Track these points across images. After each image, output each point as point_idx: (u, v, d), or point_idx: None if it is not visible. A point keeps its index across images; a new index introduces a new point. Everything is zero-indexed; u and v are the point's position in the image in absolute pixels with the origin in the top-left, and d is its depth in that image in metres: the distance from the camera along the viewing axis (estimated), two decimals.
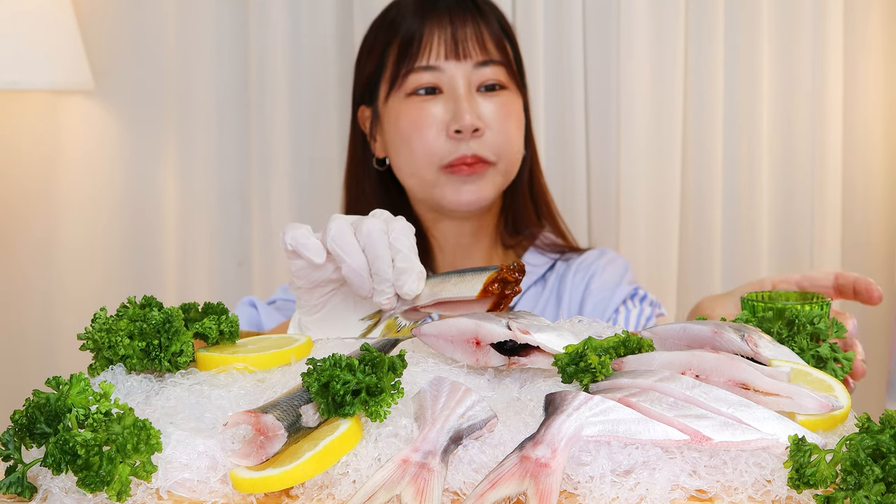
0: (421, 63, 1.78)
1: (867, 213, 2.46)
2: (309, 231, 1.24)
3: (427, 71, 1.78)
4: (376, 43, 1.84)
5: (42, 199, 2.55)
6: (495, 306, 1.20)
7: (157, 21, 2.48)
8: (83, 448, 0.91)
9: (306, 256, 1.23)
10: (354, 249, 1.21)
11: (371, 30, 1.87)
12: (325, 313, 1.30)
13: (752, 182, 2.40)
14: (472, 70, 1.78)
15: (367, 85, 1.85)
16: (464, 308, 1.21)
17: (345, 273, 1.22)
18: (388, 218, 1.23)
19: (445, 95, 1.78)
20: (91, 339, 1.12)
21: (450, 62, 1.78)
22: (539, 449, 0.91)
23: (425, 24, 1.79)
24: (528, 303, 1.90)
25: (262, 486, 0.92)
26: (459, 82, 1.78)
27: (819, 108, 2.40)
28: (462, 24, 1.79)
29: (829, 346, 1.16)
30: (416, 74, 1.78)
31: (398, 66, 1.79)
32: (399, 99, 1.79)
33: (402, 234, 1.21)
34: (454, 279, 1.21)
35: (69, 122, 2.52)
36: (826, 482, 0.90)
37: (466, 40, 1.79)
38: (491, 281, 1.19)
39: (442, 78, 1.78)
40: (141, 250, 2.53)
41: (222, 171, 2.50)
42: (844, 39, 2.40)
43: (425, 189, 1.80)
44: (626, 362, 1.08)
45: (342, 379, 0.96)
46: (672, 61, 2.36)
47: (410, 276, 1.20)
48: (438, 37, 1.78)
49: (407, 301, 1.23)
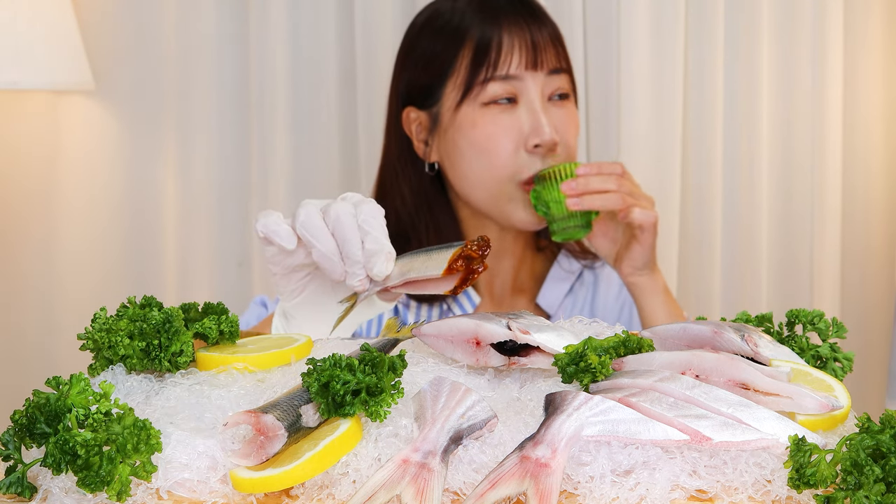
0: (501, 72, 1.73)
1: (867, 214, 2.45)
2: (280, 218, 1.24)
3: (506, 81, 1.74)
4: (438, 47, 1.78)
5: (42, 199, 2.55)
6: (462, 282, 1.18)
7: (157, 21, 2.48)
8: (83, 448, 0.91)
9: (277, 243, 1.23)
10: (323, 233, 1.20)
11: (425, 31, 1.81)
12: (304, 298, 1.29)
13: (752, 182, 2.40)
14: (544, 79, 1.75)
15: (425, 89, 1.80)
16: (432, 286, 1.20)
17: (315, 258, 1.22)
18: (358, 201, 1.22)
19: (522, 107, 1.75)
20: (91, 339, 1.12)
21: (528, 71, 1.74)
22: (539, 449, 0.91)
23: (503, 29, 1.74)
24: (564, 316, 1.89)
25: (262, 486, 0.92)
26: (535, 94, 1.74)
27: (819, 108, 2.40)
28: (538, 30, 1.76)
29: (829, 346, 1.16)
30: (495, 84, 1.74)
31: (474, 73, 1.74)
32: (474, 108, 1.75)
33: (371, 215, 1.20)
34: (422, 258, 1.20)
35: (69, 122, 2.52)
36: (826, 482, 0.90)
37: (544, 48, 1.75)
38: (455, 258, 1.17)
39: (519, 87, 1.74)
40: (141, 250, 2.53)
41: (222, 171, 2.50)
42: (844, 39, 2.40)
43: (494, 201, 1.77)
44: (626, 362, 1.08)
45: (342, 379, 0.96)
46: (672, 61, 2.36)
47: (379, 257, 1.19)
48: (518, 44, 1.74)
49: (378, 282, 1.22)
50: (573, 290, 1.92)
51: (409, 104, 1.83)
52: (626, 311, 1.93)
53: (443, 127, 1.79)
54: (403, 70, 1.84)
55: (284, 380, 1.09)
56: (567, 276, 1.91)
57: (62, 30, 2.36)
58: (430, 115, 1.80)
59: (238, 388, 1.07)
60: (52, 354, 2.56)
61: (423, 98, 1.80)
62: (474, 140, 1.75)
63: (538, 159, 1.74)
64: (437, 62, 1.78)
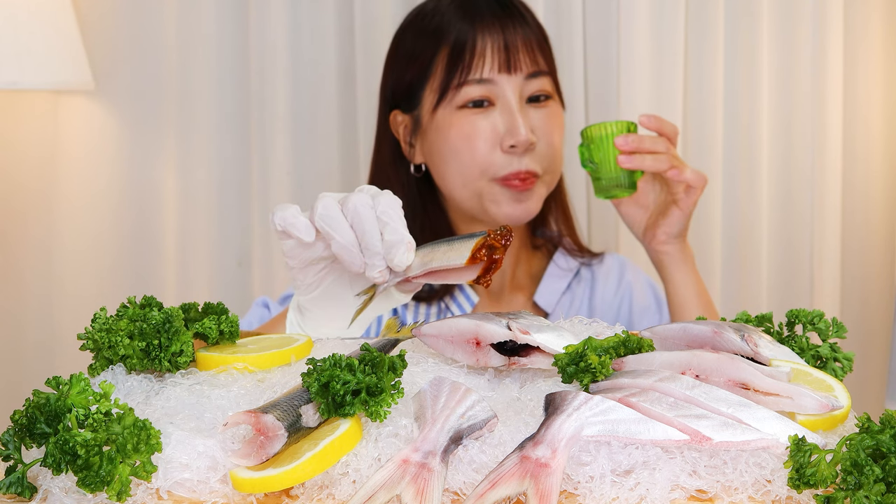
0: (474, 76, 1.74)
1: (867, 214, 2.45)
2: (297, 210, 1.24)
3: (480, 84, 1.74)
4: (418, 48, 1.79)
5: (42, 199, 2.55)
6: (485, 272, 1.18)
7: (157, 21, 2.48)
8: (83, 448, 0.91)
9: (296, 236, 1.22)
10: (342, 225, 1.20)
11: (408, 32, 1.83)
12: (321, 292, 1.29)
13: (752, 182, 2.40)
14: (522, 82, 1.76)
15: (407, 91, 1.81)
16: (455, 276, 1.20)
17: (335, 250, 1.21)
18: (376, 192, 1.22)
19: (497, 108, 1.75)
20: (91, 339, 1.12)
21: (502, 75, 1.75)
22: (539, 449, 0.91)
23: (476, 32, 1.75)
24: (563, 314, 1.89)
25: (262, 486, 0.92)
26: (511, 96, 1.75)
27: (819, 108, 2.40)
28: (513, 33, 1.76)
29: (829, 346, 1.16)
30: (469, 87, 1.74)
31: (448, 76, 1.75)
32: (450, 111, 1.76)
33: (390, 206, 1.20)
34: (443, 248, 1.20)
35: (69, 122, 2.52)
36: (826, 482, 0.90)
37: (518, 52, 1.75)
38: (478, 248, 1.17)
39: (494, 90, 1.75)
40: (141, 250, 2.53)
41: (222, 171, 2.50)
42: (844, 39, 2.40)
43: (477, 200, 1.78)
44: (626, 362, 1.08)
45: (342, 379, 0.96)
46: (672, 60, 2.36)
47: (400, 248, 1.18)
48: (491, 47, 1.74)
49: (398, 273, 1.21)
50: (570, 288, 1.92)
51: (395, 107, 1.84)
52: (626, 307, 1.93)
53: (423, 129, 1.80)
54: (390, 72, 1.85)
55: (284, 380, 1.09)
56: (564, 273, 1.92)
57: (62, 30, 2.36)
58: (413, 117, 1.82)
59: (238, 388, 1.07)
60: (52, 354, 2.56)
61: (407, 100, 1.81)
62: (451, 142, 1.76)
63: (515, 158, 1.74)
64: (416, 63, 1.79)
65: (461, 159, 1.75)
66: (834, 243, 2.42)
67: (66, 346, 2.54)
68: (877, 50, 2.42)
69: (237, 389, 1.07)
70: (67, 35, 2.37)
